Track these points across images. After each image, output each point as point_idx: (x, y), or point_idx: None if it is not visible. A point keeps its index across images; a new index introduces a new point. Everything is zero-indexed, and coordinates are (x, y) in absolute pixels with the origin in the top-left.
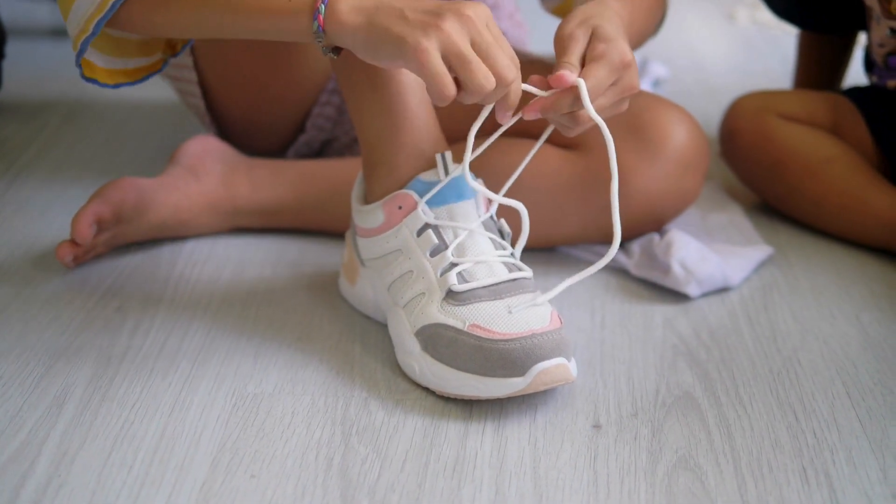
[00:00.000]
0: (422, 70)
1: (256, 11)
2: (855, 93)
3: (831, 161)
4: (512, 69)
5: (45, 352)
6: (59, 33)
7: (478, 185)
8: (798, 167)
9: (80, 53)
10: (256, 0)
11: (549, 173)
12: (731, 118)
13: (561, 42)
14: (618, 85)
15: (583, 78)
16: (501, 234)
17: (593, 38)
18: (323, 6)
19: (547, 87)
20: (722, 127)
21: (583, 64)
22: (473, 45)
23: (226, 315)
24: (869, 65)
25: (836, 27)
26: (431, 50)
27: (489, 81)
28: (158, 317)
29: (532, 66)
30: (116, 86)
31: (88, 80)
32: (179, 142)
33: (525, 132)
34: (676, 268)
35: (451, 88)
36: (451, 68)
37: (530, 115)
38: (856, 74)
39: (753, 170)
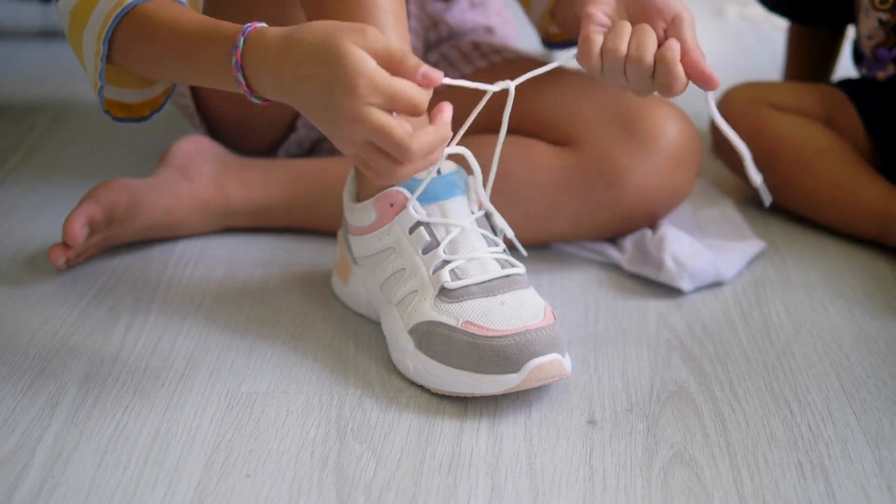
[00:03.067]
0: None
1: (187, 60)
2: (846, 84)
3: (823, 152)
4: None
5: (37, 353)
6: (47, 34)
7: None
8: (790, 158)
9: (100, 99)
10: (193, 55)
11: (542, 169)
12: (722, 109)
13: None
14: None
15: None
16: (494, 230)
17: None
18: (239, 73)
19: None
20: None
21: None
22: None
23: (218, 314)
24: (857, 57)
25: (825, 20)
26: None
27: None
28: (151, 317)
29: (521, 63)
30: (121, 120)
31: (120, 119)
32: (169, 142)
33: (515, 129)
34: (669, 262)
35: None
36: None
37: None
38: (845, 68)
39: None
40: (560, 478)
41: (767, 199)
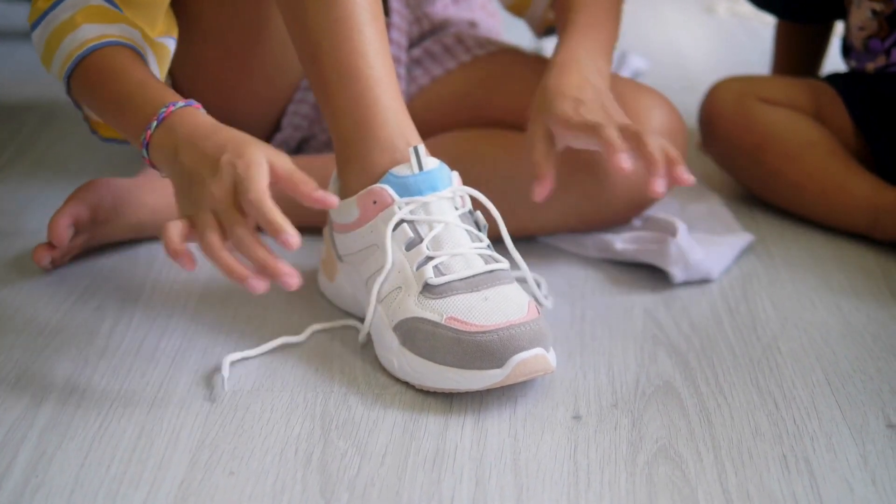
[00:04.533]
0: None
1: (119, 120)
2: (835, 79)
3: (812, 146)
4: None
5: (22, 352)
6: None
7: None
8: (779, 152)
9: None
10: (120, 114)
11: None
12: (710, 103)
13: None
14: (589, 106)
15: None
16: (478, 226)
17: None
18: (145, 149)
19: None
20: (701, 112)
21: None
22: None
23: (204, 313)
24: (846, 50)
25: (813, 16)
26: (213, 241)
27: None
28: (136, 316)
29: (504, 55)
30: (109, 140)
31: (108, 140)
32: None
33: (500, 122)
34: (672, 247)
35: (239, 274)
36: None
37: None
38: (832, 65)
39: (734, 155)
40: (544, 473)
41: None
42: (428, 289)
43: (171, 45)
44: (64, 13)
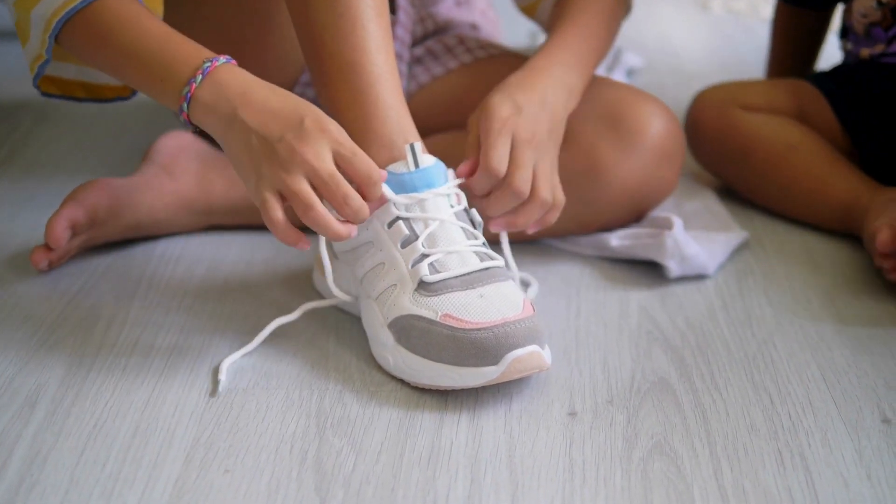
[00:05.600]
0: (269, 225)
1: (140, 73)
2: (817, 79)
3: (795, 147)
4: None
5: (16, 352)
6: None
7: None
8: (763, 154)
9: (36, 76)
10: (141, 68)
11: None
12: (695, 110)
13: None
14: (518, 141)
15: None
16: (473, 223)
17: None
18: (185, 104)
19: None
20: (687, 119)
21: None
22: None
23: (199, 312)
24: (844, 31)
25: (814, 1)
26: (273, 209)
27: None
28: (132, 315)
29: (504, 58)
30: (81, 100)
31: (48, 95)
32: (152, 139)
33: None
34: (668, 239)
35: (297, 242)
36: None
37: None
38: (829, 57)
39: (719, 160)
40: (540, 469)
41: None
42: (423, 286)
43: None
44: None
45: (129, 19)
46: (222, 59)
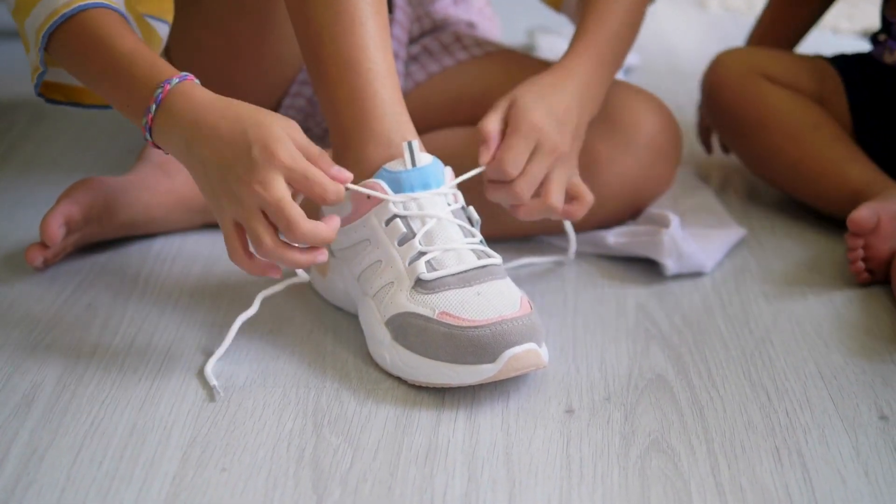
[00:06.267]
0: (231, 259)
1: (111, 95)
2: (841, 61)
3: (817, 128)
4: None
5: (13, 350)
6: None
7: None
8: (781, 130)
9: (35, 86)
10: (111, 90)
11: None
12: (714, 73)
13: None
14: (540, 150)
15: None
16: (471, 221)
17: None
18: (148, 134)
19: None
20: (704, 82)
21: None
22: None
23: (196, 309)
24: (886, 24)
25: None
26: (232, 242)
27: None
28: (128, 313)
29: (502, 55)
30: (88, 106)
31: (54, 102)
32: None
33: None
34: (666, 237)
35: (265, 272)
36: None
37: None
38: (812, 44)
39: (734, 127)
40: (537, 467)
41: None
42: (420, 284)
43: (162, 29)
44: None
45: (102, 38)
46: (175, 79)
